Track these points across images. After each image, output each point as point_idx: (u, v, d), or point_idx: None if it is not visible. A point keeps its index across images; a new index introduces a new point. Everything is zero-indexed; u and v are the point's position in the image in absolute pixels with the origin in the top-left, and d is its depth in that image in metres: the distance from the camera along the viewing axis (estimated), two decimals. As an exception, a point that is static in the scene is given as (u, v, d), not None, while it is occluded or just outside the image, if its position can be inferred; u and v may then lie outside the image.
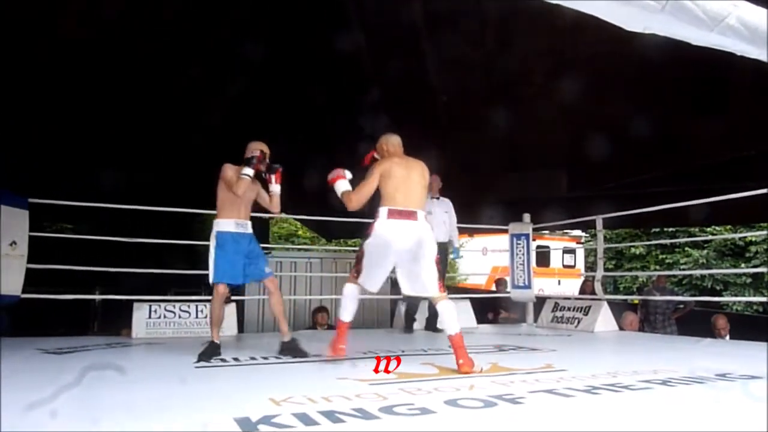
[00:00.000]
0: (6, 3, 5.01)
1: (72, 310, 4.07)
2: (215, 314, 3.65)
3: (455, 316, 3.15)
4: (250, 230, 3.77)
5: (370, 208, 3.48)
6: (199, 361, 3.37)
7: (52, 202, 4.82)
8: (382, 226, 3.19)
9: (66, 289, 4.73)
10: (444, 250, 5.65)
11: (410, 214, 3.20)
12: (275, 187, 3.74)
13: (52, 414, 1.97)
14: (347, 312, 3.33)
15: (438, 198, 5.69)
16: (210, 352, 3.50)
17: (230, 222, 3.67)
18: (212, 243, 3.65)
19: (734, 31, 2.71)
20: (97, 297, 5.30)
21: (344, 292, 3.35)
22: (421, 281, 3.17)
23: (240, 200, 3.67)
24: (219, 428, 1.84)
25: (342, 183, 3.38)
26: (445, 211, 5.69)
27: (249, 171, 3.57)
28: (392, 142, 3.46)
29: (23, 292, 4.35)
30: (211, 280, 3.60)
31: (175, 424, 1.97)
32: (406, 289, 3.24)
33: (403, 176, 3.27)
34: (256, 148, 3.67)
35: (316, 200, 8.74)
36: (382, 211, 3.21)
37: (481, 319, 6.42)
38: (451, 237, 5.76)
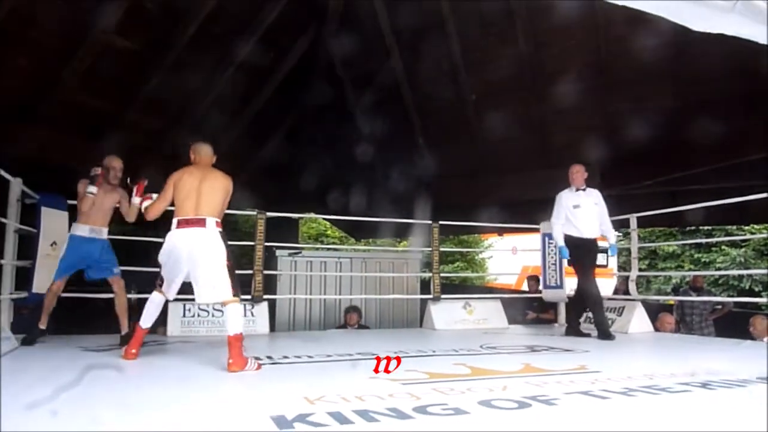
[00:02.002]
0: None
1: (110, 309, 4.20)
2: (47, 303, 3.96)
3: (239, 319, 3.18)
4: (104, 236, 4.08)
5: None
6: (23, 344, 3.77)
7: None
8: (170, 235, 3.27)
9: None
10: (594, 247, 5.21)
11: (198, 222, 3.23)
12: (134, 199, 3.80)
13: (54, 410, 2.04)
14: (148, 319, 3.39)
15: (584, 189, 5.21)
16: (35, 336, 3.90)
17: (85, 227, 3.99)
18: (65, 244, 3.98)
19: None
20: (133, 296, 5.39)
21: (150, 298, 3.42)
22: (209, 287, 3.20)
23: (97, 209, 3.97)
24: (259, 428, 1.87)
25: (148, 202, 3.58)
26: (594, 202, 5.18)
27: (92, 189, 3.85)
28: (200, 151, 3.49)
29: (63, 291, 4.48)
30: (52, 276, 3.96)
31: (212, 422, 2.01)
32: (199, 296, 3.27)
33: (193, 185, 3.30)
34: (107, 164, 3.98)
35: (343, 201, 8.83)
36: (173, 222, 3.29)
37: (512, 319, 6.36)
38: (604, 231, 5.22)
